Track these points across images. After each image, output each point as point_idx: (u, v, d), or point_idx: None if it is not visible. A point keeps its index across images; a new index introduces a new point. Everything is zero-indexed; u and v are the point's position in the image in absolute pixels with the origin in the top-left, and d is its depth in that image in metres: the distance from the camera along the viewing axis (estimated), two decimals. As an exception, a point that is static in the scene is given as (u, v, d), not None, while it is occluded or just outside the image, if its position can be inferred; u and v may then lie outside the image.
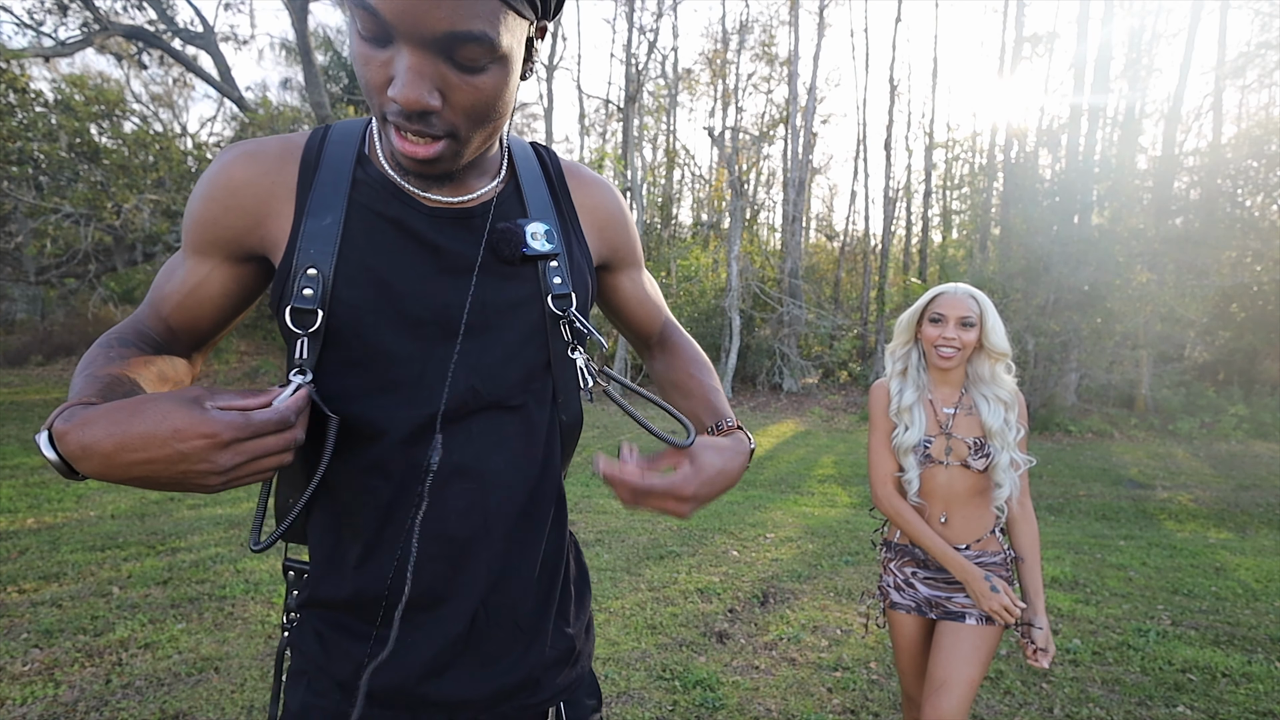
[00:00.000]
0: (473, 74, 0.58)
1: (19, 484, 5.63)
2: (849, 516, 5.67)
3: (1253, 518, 6.11)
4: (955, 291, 1.70)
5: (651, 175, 20.62)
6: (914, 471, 1.66)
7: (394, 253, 0.68)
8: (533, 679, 0.76)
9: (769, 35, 19.46)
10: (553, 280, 0.73)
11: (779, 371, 13.82)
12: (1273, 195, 12.87)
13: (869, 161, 31.50)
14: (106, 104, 10.98)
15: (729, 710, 2.45)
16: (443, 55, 0.56)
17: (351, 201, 0.69)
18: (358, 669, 0.72)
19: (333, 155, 0.70)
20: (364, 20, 0.55)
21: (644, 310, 0.94)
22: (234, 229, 0.69)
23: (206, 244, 0.70)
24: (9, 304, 16.37)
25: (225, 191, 0.68)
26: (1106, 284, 10.65)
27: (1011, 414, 1.67)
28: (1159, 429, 10.88)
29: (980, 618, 1.62)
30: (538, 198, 0.77)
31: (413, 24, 0.54)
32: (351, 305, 0.67)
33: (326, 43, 17.10)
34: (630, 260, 0.90)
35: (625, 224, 0.87)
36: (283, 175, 0.69)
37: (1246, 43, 20.83)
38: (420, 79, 0.56)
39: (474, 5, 0.54)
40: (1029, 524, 1.70)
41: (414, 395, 0.69)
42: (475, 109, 0.60)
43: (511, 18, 0.57)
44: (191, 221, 0.71)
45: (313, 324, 0.66)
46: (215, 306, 0.73)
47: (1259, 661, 2.93)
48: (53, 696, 2.38)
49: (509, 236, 0.71)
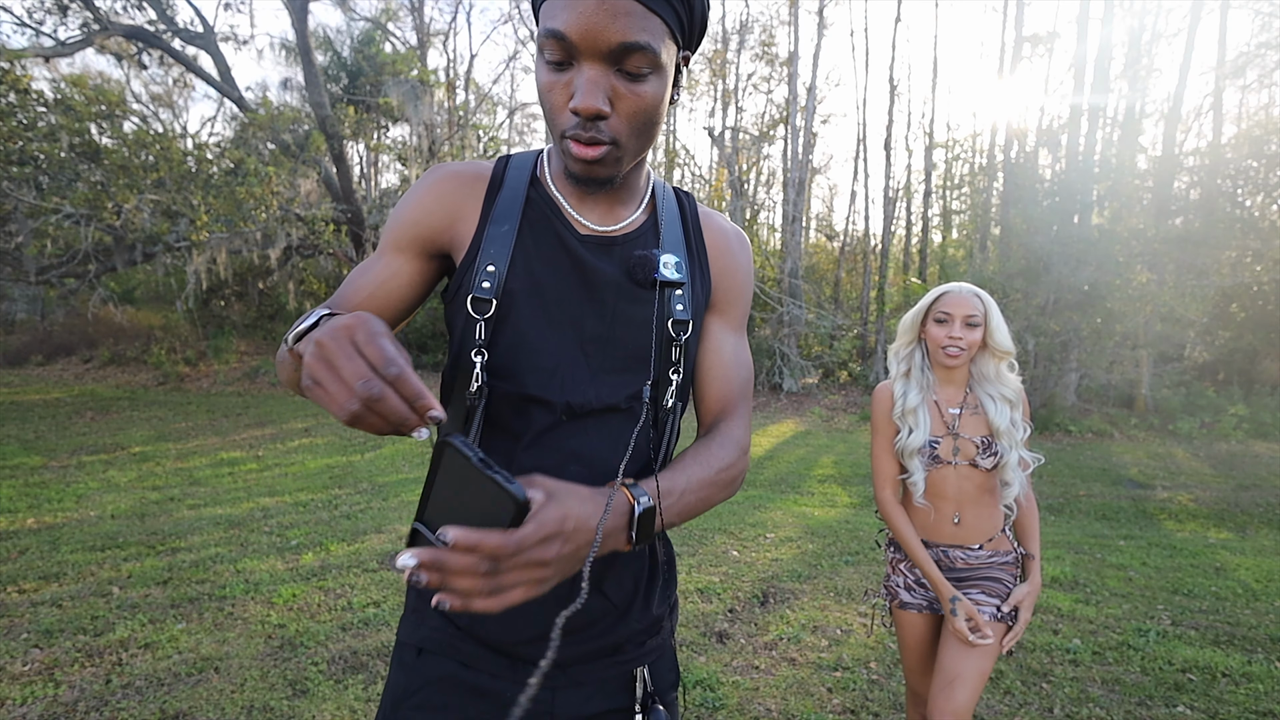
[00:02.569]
0: (637, 82, 0.70)
1: (19, 484, 5.63)
2: (849, 516, 5.67)
3: (1253, 518, 6.11)
4: (960, 291, 1.69)
5: (651, 175, 20.57)
6: (919, 474, 1.66)
7: (550, 262, 0.81)
8: (619, 645, 0.86)
9: (769, 35, 19.44)
10: (675, 306, 0.84)
11: (779, 371, 13.82)
12: (1273, 195, 12.86)
13: (869, 161, 31.48)
14: (106, 104, 10.98)
15: (729, 710, 2.45)
16: (614, 65, 0.69)
17: (524, 215, 0.82)
18: (474, 618, 0.82)
19: (513, 177, 0.85)
20: (552, 48, 0.68)
21: (720, 373, 0.89)
22: (433, 228, 0.83)
23: (408, 240, 0.84)
24: (9, 304, 16.37)
25: (432, 197, 0.84)
26: (1106, 284, 10.64)
27: (1017, 412, 1.67)
28: (1159, 429, 10.88)
29: (990, 614, 1.63)
30: (673, 233, 0.88)
31: (594, 39, 0.67)
32: (515, 297, 0.79)
33: (326, 43, 17.08)
34: (728, 313, 0.92)
35: (740, 278, 0.93)
36: (474, 189, 0.84)
37: (1246, 43, 20.86)
38: (596, 88, 0.68)
39: (642, 21, 0.68)
40: (1032, 512, 1.74)
41: (549, 384, 0.79)
42: (636, 116, 0.72)
43: (668, 38, 0.71)
44: (398, 221, 0.84)
45: (488, 311, 0.78)
46: (401, 297, 0.84)
47: (1259, 661, 2.93)
48: (53, 696, 2.39)
49: (644, 262, 0.82)
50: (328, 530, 4.53)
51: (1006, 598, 1.67)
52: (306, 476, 6.41)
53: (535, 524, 0.57)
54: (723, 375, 0.90)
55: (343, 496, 5.61)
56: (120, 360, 14.01)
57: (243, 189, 11.13)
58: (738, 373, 0.91)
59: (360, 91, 15.28)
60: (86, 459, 6.83)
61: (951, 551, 1.68)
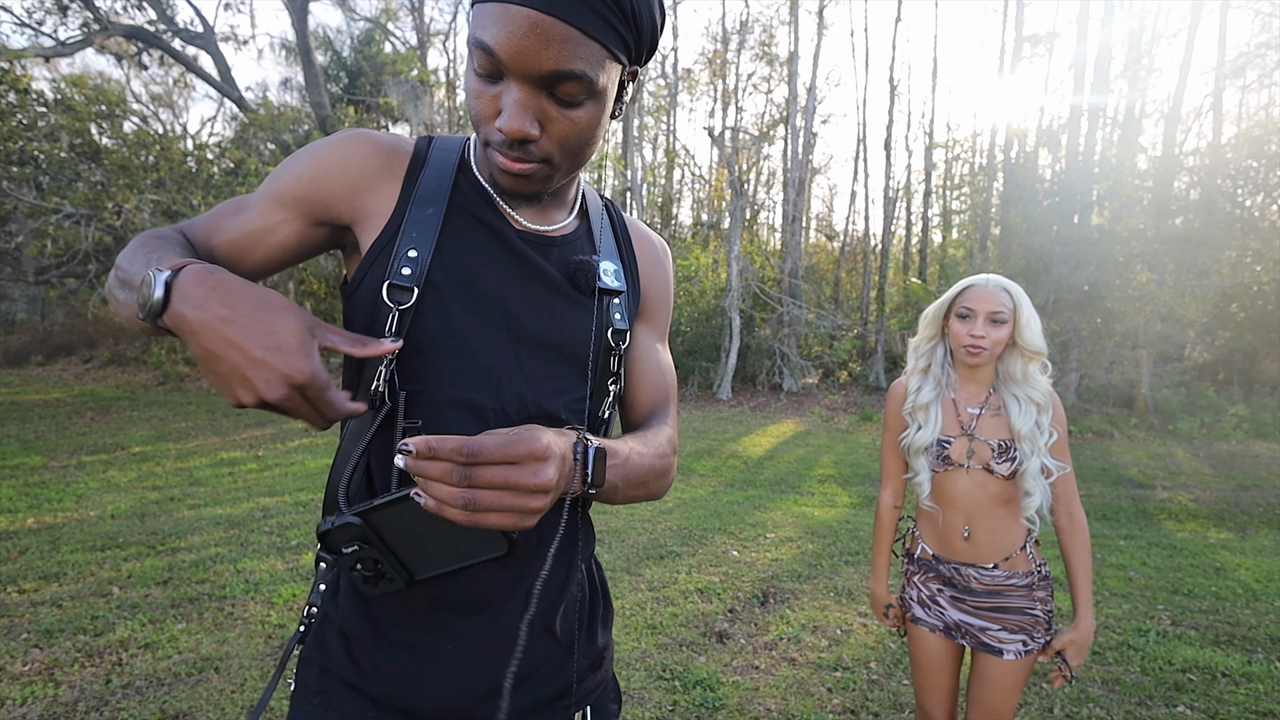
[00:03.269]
0: (570, 108, 0.65)
1: (19, 484, 5.63)
2: (849, 516, 5.67)
3: (1253, 518, 6.11)
4: (986, 284, 1.54)
5: (651, 175, 20.63)
6: (925, 474, 1.56)
7: (482, 253, 0.74)
8: (565, 688, 0.80)
9: (769, 35, 19.43)
10: (614, 315, 0.80)
11: (779, 371, 13.81)
12: (1273, 195, 12.86)
13: (869, 161, 31.51)
14: (107, 104, 10.99)
15: (729, 710, 2.45)
16: (545, 90, 0.63)
17: (451, 200, 0.75)
18: (396, 687, 0.72)
19: (438, 158, 0.77)
20: (481, 59, 0.63)
21: (650, 380, 0.88)
22: (331, 193, 0.74)
23: (295, 198, 0.74)
24: (9, 304, 16.37)
25: (338, 158, 0.74)
26: (1106, 284, 10.64)
27: (1044, 416, 1.52)
28: (1159, 429, 10.87)
29: (1018, 652, 1.52)
30: (606, 240, 0.84)
31: (523, 63, 0.61)
32: (440, 288, 0.72)
33: (326, 43, 17.09)
34: (655, 321, 0.90)
35: (666, 286, 0.92)
36: (392, 162, 0.75)
37: (1246, 43, 20.88)
38: (524, 111, 0.63)
39: (578, 48, 0.61)
40: (1078, 535, 1.55)
41: (483, 385, 0.73)
42: (569, 140, 0.67)
43: (609, 61, 0.65)
44: (289, 174, 0.74)
45: (407, 301, 0.70)
46: (266, 255, 0.75)
47: (1259, 661, 2.93)
48: (53, 696, 2.38)
49: (586, 268, 0.78)
50: (328, 530, 4.53)
51: (1033, 630, 1.52)
52: (306, 476, 6.41)
53: (506, 433, 0.55)
54: (652, 382, 0.88)
55: (343, 496, 5.61)
56: (120, 360, 14.01)
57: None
58: (665, 379, 0.89)
59: (360, 91, 15.29)
60: (86, 459, 6.83)
61: (964, 570, 1.55)
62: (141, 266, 0.63)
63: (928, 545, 1.63)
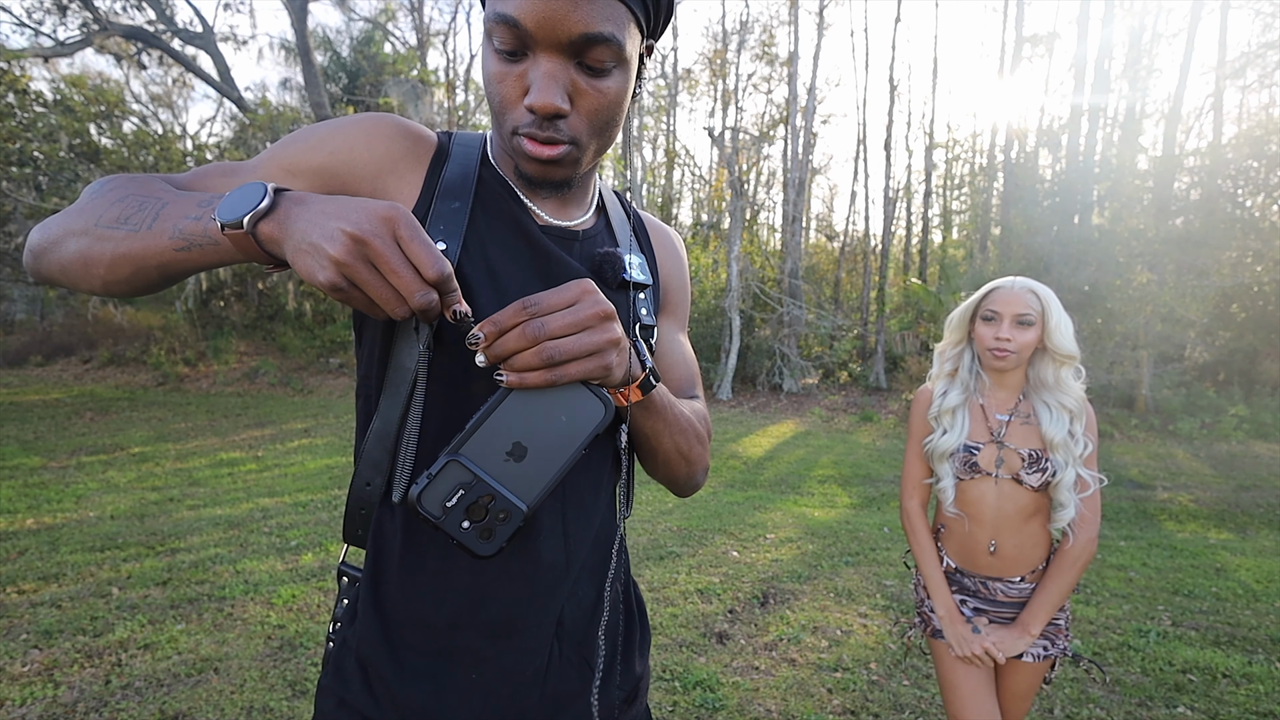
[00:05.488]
0: (599, 77, 0.63)
1: (19, 484, 5.62)
2: (849, 517, 5.67)
3: (1253, 518, 6.11)
4: (1012, 286, 1.50)
5: (651, 175, 20.62)
6: (949, 480, 1.51)
7: (508, 248, 0.72)
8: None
9: (769, 35, 19.42)
10: (641, 311, 0.78)
11: (779, 372, 13.81)
12: (1273, 195, 12.85)
13: (869, 161, 31.47)
14: (106, 104, 10.99)
15: (729, 711, 2.44)
16: (574, 59, 0.61)
17: (476, 196, 0.72)
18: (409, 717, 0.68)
19: (460, 152, 0.74)
20: (503, 35, 0.60)
21: (678, 372, 0.87)
22: (353, 166, 0.69)
23: (311, 167, 0.68)
24: (9, 304, 16.37)
25: (365, 134, 0.70)
26: (1107, 284, 10.64)
27: (1078, 425, 1.45)
28: (1159, 429, 10.87)
29: (1036, 655, 1.50)
30: (625, 235, 0.83)
31: (551, 29, 0.59)
32: (468, 283, 0.69)
33: (326, 43, 17.09)
34: (677, 314, 0.90)
35: (684, 278, 0.91)
36: (418, 151, 0.72)
37: (1247, 43, 20.89)
38: (554, 83, 0.61)
39: (605, 9, 0.60)
40: (1081, 558, 1.46)
41: None
42: (598, 114, 0.65)
43: (633, 27, 0.64)
44: (305, 142, 0.70)
45: None
46: None
47: (1259, 662, 2.92)
48: (52, 697, 2.38)
49: (612, 260, 0.75)
50: (327, 530, 4.53)
51: (1054, 636, 1.51)
52: (306, 477, 6.41)
53: (576, 285, 0.57)
54: (678, 375, 0.87)
55: (342, 497, 5.60)
56: (120, 361, 14.00)
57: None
58: (690, 370, 0.89)
59: (360, 91, 15.29)
60: (86, 459, 6.83)
61: (991, 583, 1.52)
62: (177, 197, 0.60)
63: (951, 558, 1.58)
